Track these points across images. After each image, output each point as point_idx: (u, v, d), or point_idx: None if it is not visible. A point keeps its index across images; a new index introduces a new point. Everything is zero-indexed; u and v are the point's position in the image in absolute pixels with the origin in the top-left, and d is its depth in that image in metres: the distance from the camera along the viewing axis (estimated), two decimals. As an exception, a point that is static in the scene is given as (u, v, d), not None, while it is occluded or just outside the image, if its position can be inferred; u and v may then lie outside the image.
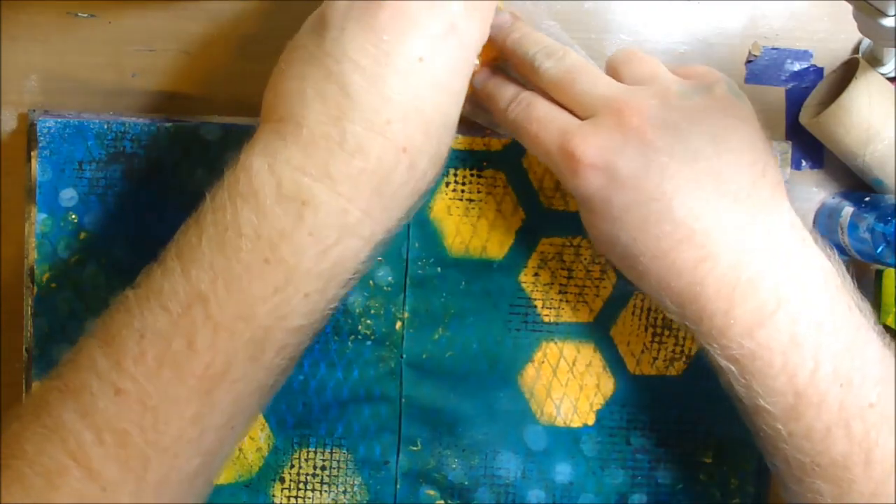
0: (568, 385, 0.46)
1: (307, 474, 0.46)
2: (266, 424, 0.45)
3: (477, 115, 0.43)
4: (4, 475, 0.33)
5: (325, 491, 0.46)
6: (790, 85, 0.48)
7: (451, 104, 0.36)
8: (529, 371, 0.46)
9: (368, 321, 0.45)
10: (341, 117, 0.34)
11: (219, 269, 0.34)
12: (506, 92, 0.39)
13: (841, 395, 0.35)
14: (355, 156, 0.34)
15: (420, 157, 0.35)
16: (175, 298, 0.34)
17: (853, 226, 0.45)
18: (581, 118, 0.37)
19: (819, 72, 0.48)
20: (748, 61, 0.48)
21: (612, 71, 0.39)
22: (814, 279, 0.36)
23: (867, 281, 0.48)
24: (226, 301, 0.33)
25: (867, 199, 0.45)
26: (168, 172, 0.45)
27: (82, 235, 0.45)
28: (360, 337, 0.45)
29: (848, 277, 0.37)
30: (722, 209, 0.36)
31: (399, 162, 0.35)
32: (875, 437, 0.35)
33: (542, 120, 0.38)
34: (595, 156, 0.36)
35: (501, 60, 0.40)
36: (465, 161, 0.45)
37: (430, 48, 0.35)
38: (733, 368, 0.36)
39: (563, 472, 0.46)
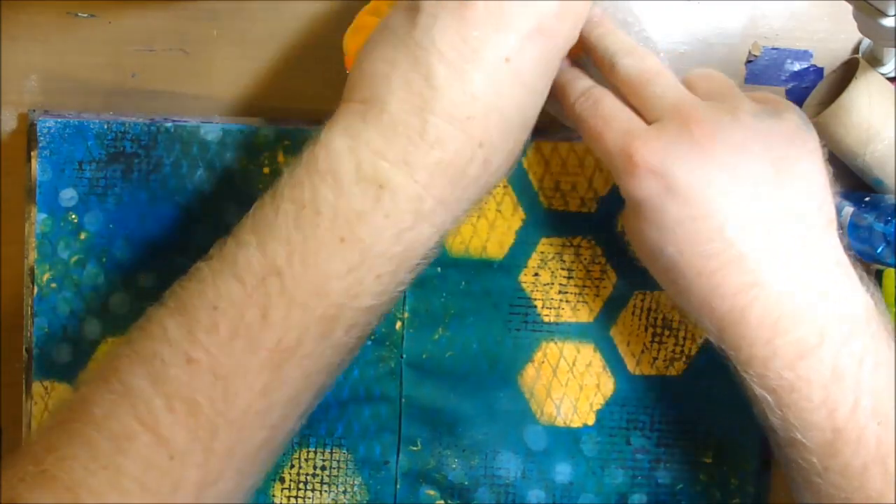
0: (568, 385, 0.46)
1: (307, 474, 0.46)
2: (266, 424, 0.45)
3: (546, 103, 0.43)
4: (69, 441, 0.33)
5: (325, 491, 0.46)
6: (790, 85, 0.48)
7: (532, 104, 0.36)
8: (529, 371, 0.46)
9: (368, 321, 0.45)
10: (424, 108, 0.34)
11: (295, 244, 0.34)
12: (578, 85, 0.39)
13: (879, 431, 0.35)
14: (434, 147, 0.34)
15: (495, 153, 0.35)
16: (250, 270, 0.34)
17: (853, 226, 0.44)
18: (648, 122, 0.37)
19: (819, 72, 0.48)
20: (748, 61, 0.48)
21: (689, 85, 0.39)
22: (856, 315, 0.36)
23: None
24: (301, 276, 0.33)
25: (867, 199, 0.45)
26: (168, 172, 0.45)
27: (82, 235, 0.45)
28: (360, 337, 0.45)
29: (887, 315, 0.37)
30: (774, 237, 0.35)
31: (475, 157, 0.35)
32: None
33: (607, 118, 0.37)
34: (654, 160, 0.35)
35: (583, 54, 0.40)
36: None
37: (518, 49, 0.34)
38: (770, 399, 0.36)
39: (563, 472, 0.46)
